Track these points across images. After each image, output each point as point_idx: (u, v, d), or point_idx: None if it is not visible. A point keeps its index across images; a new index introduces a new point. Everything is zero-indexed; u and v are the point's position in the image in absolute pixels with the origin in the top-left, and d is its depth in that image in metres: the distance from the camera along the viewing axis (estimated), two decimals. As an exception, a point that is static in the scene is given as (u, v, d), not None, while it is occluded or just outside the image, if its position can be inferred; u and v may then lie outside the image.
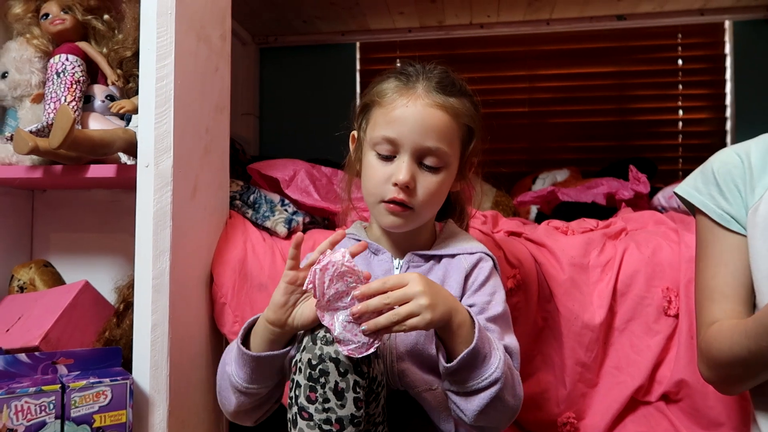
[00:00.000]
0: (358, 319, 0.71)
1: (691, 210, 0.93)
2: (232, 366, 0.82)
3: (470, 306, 0.86)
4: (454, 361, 0.74)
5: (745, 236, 0.84)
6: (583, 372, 1.12)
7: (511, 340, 0.85)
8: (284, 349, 0.80)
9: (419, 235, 0.93)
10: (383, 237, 0.93)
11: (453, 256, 0.90)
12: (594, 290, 1.13)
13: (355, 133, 0.95)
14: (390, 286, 0.72)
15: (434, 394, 0.84)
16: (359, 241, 0.94)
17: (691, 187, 0.91)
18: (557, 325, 1.14)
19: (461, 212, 1.01)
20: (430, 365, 0.85)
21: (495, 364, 0.75)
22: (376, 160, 0.86)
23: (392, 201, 0.84)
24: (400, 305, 0.71)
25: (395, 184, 0.84)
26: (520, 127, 2.38)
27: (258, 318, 0.82)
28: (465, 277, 0.88)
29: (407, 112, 0.84)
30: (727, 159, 0.88)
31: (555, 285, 1.14)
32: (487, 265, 0.89)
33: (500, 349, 0.78)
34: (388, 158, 0.85)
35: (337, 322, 0.71)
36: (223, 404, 0.86)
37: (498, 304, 0.86)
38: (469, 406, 0.76)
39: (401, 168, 0.83)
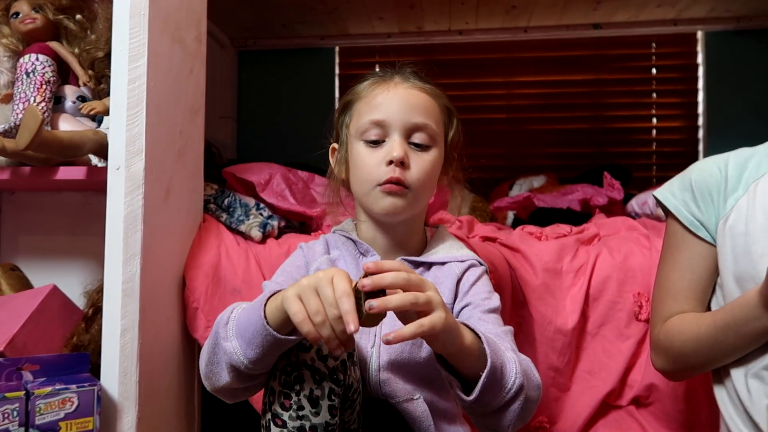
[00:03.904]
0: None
1: (666, 213, 0.95)
2: (233, 342, 0.70)
3: (466, 305, 0.85)
4: (475, 391, 0.66)
5: (711, 244, 0.88)
6: (555, 376, 1.13)
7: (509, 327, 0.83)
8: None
9: (410, 237, 0.92)
10: (375, 237, 0.91)
11: (443, 263, 0.89)
12: (567, 295, 1.14)
13: (335, 145, 0.96)
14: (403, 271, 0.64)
15: (415, 404, 0.82)
16: (348, 238, 0.93)
17: (668, 191, 0.94)
18: (530, 329, 1.14)
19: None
20: (415, 374, 0.83)
21: (513, 369, 0.69)
22: (365, 149, 0.87)
23: (389, 181, 0.84)
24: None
25: (390, 162, 0.84)
26: (499, 134, 2.40)
27: (275, 295, 0.70)
28: (456, 282, 0.87)
29: (390, 95, 0.87)
30: (705, 168, 0.91)
31: (529, 290, 1.15)
32: (478, 270, 0.89)
33: (508, 347, 0.72)
34: (378, 143, 0.87)
35: None
36: (209, 378, 0.77)
37: (495, 300, 0.85)
38: (502, 423, 0.70)
39: (394, 146, 0.85)
